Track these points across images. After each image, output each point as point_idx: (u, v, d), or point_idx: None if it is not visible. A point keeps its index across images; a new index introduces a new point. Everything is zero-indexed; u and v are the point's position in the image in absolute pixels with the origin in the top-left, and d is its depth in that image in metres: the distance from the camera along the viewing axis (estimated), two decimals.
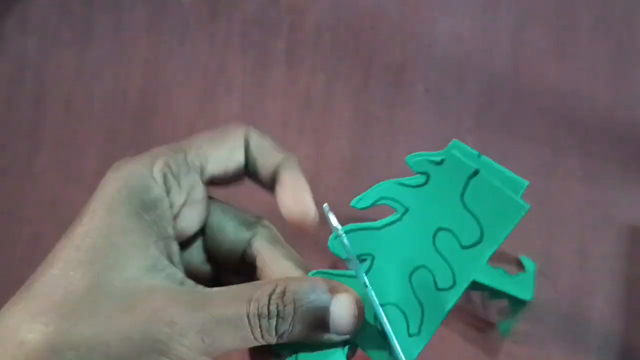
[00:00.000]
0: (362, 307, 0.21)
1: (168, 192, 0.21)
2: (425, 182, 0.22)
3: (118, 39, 0.51)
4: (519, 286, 0.43)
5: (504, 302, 0.44)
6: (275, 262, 0.23)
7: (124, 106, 0.50)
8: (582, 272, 0.45)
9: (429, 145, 0.51)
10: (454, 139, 0.22)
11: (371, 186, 0.43)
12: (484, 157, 0.22)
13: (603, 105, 0.48)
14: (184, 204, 0.22)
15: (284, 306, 0.20)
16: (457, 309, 0.46)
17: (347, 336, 0.21)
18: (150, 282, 0.20)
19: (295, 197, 0.24)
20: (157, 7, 0.51)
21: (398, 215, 0.23)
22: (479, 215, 0.21)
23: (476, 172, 0.21)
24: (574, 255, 0.46)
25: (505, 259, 0.46)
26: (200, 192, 0.23)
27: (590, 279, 0.45)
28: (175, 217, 0.22)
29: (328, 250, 0.47)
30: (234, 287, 0.20)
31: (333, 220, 0.23)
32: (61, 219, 0.49)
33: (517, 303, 0.43)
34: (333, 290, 0.21)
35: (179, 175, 0.22)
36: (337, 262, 0.46)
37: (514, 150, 0.47)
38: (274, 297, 0.20)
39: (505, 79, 0.48)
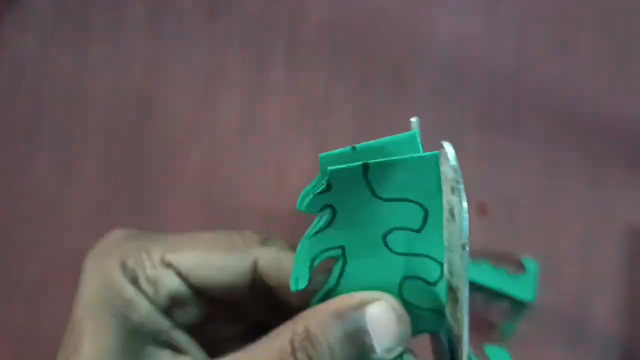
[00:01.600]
0: (402, 309, 0.18)
1: (136, 283, 0.19)
2: (333, 215, 0.18)
3: (117, 38, 0.51)
4: (520, 287, 0.43)
5: (505, 304, 0.44)
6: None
7: (122, 105, 0.50)
8: (584, 273, 0.45)
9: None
10: (319, 154, 0.19)
11: None
12: (360, 145, 0.19)
13: (606, 105, 0.48)
14: (168, 301, 0.20)
15: (315, 350, 0.16)
16: None
17: (400, 348, 0.19)
18: None
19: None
20: (156, 6, 0.51)
21: (340, 263, 0.19)
22: (403, 196, 0.18)
23: (366, 166, 0.19)
24: (576, 256, 0.45)
25: (506, 260, 0.46)
26: (181, 290, 0.20)
27: (592, 279, 0.45)
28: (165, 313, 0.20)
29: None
30: (249, 351, 0.17)
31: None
32: (60, 219, 0.49)
33: (518, 304, 0.42)
34: (363, 305, 0.17)
35: (153, 276, 0.19)
36: None
37: (515, 150, 0.47)
38: (298, 345, 0.17)
39: (507, 78, 0.48)
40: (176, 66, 0.50)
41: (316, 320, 0.17)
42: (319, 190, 0.18)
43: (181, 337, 0.20)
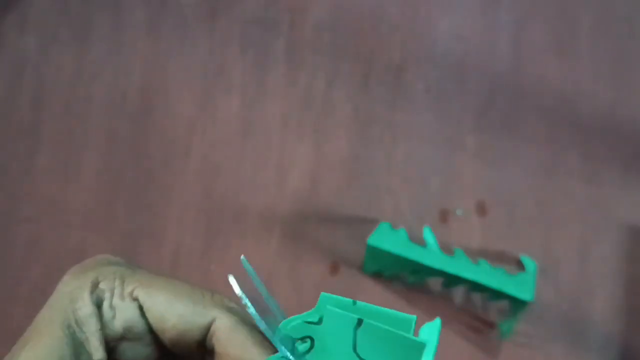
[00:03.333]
0: None
1: (100, 305, 0.20)
2: (311, 347, 0.19)
3: (117, 38, 0.51)
4: (520, 286, 0.43)
5: (505, 303, 0.44)
6: (241, 349, 0.20)
7: (123, 106, 0.50)
8: (583, 272, 0.45)
9: (429, 145, 0.51)
10: (322, 292, 0.19)
11: (371, 186, 0.43)
12: (360, 303, 0.19)
13: (604, 104, 0.48)
14: (120, 333, 0.21)
15: None
16: (457, 310, 0.46)
17: None
18: None
19: None
20: (157, 7, 0.51)
21: None
22: None
23: (360, 322, 0.19)
24: (575, 255, 0.46)
25: (505, 259, 0.46)
26: (138, 325, 0.21)
27: (591, 278, 0.45)
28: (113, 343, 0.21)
29: (327, 250, 0.47)
30: None
31: (236, 289, 0.19)
32: (60, 219, 0.49)
33: (517, 303, 0.43)
34: None
35: (118, 304, 0.20)
36: (338, 263, 0.46)
37: (515, 150, 0.47)
38: None
39: (506, 78, 0.48)
40: (176, 66, 0.50)
41: None
42: (310, 320, 0.19)
43: None
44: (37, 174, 0.50)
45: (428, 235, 0.44)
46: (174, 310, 0.20)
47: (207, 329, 0.20)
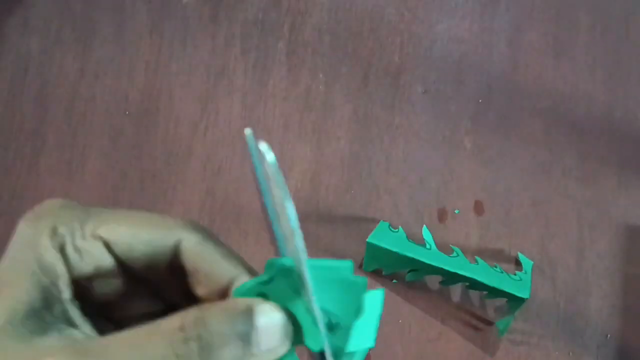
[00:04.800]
0: (285, 319, 0.19)
1: (64, 252, 0.20)
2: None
3: (120, 40, 0.51)
4: (516, 285, 0.43)
5: (502, 301, 0.44)
6: (210, 263, 0.20)
7: (125, 107, 0.50)
8: (580, 271, 0.45)
9: (427, 146, 0.51)
10: (268, 259, 0.19)
11: (370, 186, 0.43)
12: (308, 260, 0.19)
13: (600, 105, 0.48)
14: (90, 273, 0.21)
15: (206, 332, 0.18)
16: (455, 308, 0.46)
17: (281, 350, 0.19)
18: (41, 343, 0.18)
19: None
20: (159, 9, 0.51)
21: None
22: (331, 309, 0.19)
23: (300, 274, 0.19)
24: (572, 254, 0.46)
25: (502, 258, 0.46)
26: (106, 262, 0.21)
27: (587, 277, 0.45)
28: (83, 286, 0.21)
29: (327, 249, 0.47)
30: (136, 329, 0.18)
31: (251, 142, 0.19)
32: None
33: (514, 301, 0.43)
34: (254, 306, 0.18)
35: (82, 246, 0.20)
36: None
37: (512, 150, 0.48)
38: (188, 327, 0.18)
39: (503, 79, 0.48)
40: (179, 68, 0.50)
41: (211, 311, 0.18)
42: (260, 280, 0.19)
43: (75, 311, 0.20)
44: (41, 173, 0.50)
45: (426, 234, 0.45)
46: (139, 239, 0.20)
47: (174, 250, 0.20)
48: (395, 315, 0.46)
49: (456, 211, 0.47)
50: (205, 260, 0.20)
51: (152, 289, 0.22)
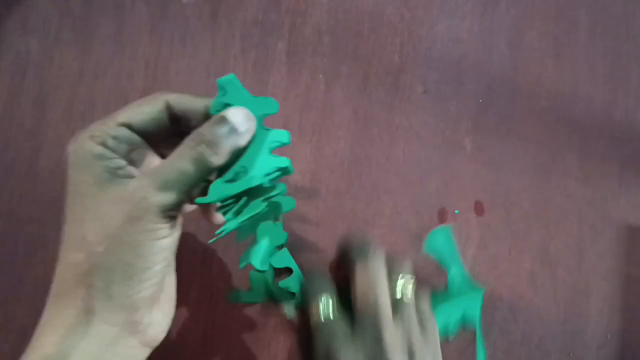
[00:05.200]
0: (249, 112, 0.33)
1: (106, 145, 0.32)
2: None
3: (119, 39, 0.51)
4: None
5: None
6: (189, 103, 0.33)
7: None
8: (580, 271, 0.46)
9: (428, 146, 0.51)
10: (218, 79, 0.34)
11: (370, 186, 0.43)
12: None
13: (601, 105, 0.48)
14: (127, 147, 0.33)
15: (203, 135, 0.31)
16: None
17: (249, 126, 0.32)
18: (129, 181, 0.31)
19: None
20: (158, 8, 0.51)
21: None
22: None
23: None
24: (572, 254, 0.46)
25: (502, 258, 0.46)
26: (130, 135, 0.33)
27: (588, 277, 0.45)
28: (128, 154, 0.33)
29: (327, 250, 0.47)
30: (169, 157, 0.31)
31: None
32: (62, 219, 0.49)
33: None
34: (224, 113, 0.32)
35: (114, 134, 0.32)
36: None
37: (512, 150, 0.48)
38: (197, 138, 0.31)
39: (504, 80, 0.48)
40: (178, 68, 0.50)
41: (201, 127, 0.31)
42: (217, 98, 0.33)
43: (132, 169, 0.32)
44: (40, 174, 0.50)
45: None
46: (143, 113, 0.33)
47: (167, 107, 0.33)
48: None
49: (456, 211, 0.47)
50: (185, 102, 0.33)
51: (162, 140, 0.34)
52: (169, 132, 0.33)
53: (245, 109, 0.32)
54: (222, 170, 0.32)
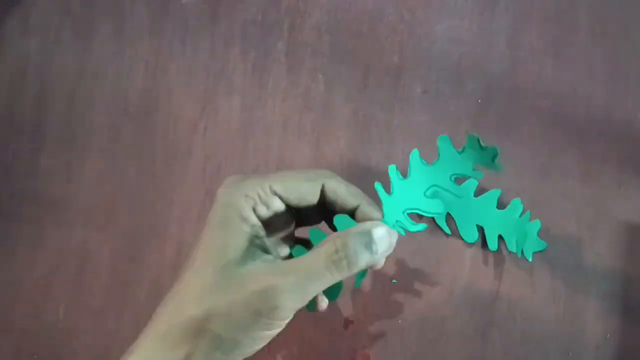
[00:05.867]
0: (393, 232, 0.33)
1: (256, 210, 0.32)
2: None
3: (119, 40, 0.51)
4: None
5: None
6: (342, 196, 0.34)
7: (125, 107, 0.50)
8: (580, 271, 0.46)
9: (427, 146, 0.51)
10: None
11: (370, 187, 0.43)
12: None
13: (600, 105, 0.48)
14: (271, 216, 0.33)
15: (347, 249, 0.31)
16: (454, 308, 0.46)
17: (388, 252, 0.33)
18: (255, 267, 0.30)
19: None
20: (158, 8, 0.51)
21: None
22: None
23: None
24: (572, 254, 0.46)
25: (500, 259, 0.46)
26: (281, 208, 0.33)
27: (588, 277, 0.45)
28: (266, 224, 0.33)
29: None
30: (308, 255, 0.31)
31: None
32: (63, 219, 0.50)
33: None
34: (371, 228, 0.32)
35: (266, 201, 0.32)
36: None
37: (512, 150, 0.48)
38: (338, 248, 0.31)
39: (503, 80, 0.48)
40: (178, 68, 0.50)
41: (349, 235, 0.31)
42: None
43: (269, 242, 0.33)
44: (40, 174, 0.50)
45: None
46: (301, 189, 0.33)
47: (319, 191, 0.33)
48: (395, 315, 0.46)
49: None
50: (340, 194, 0.33)
51: (305, 216, 0.35)
52: (311, 210, 0.34)
53: (393, 231, 0.33)
54: None
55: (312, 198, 0.33)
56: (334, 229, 0.35)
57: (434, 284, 0.46)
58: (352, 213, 0.34)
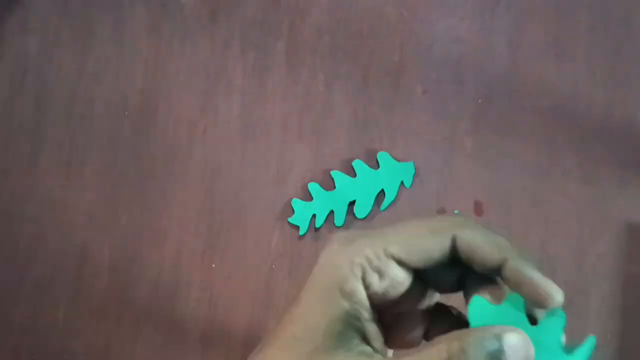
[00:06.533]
0: (529, 341, 0.23)
1: (365, 280, 0.25)
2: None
3: (119, 40, 0.51)
4: None
5: None
6: (481, 251, 0.25)
7: (124, 107, 0.50)
8: (580, 271, 0.45)
9: (427, 146, 0.51)
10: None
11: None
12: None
13: (600, 106, 0.48)
14: (387, 287, 0.25)
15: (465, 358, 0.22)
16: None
17: None
18: (346, 358, 0.24)
19: (546, 292, 0.25)
20: (158, 9, 0.51)
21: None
22: None
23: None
24: (572, 254, 0.46)
25: None
26: (399, 275, 0.25)
27: (588, 277, 0.45)
28: (377, 297, 0.25)
29: None
30: (413, 355, 0.23)
31: None
32: (62, 219, 0.49)
33: None
34: (503, 333, 0.23)
35: (379, 267, 0.25)
36: None
37: (512, 150, 0.48)
38: (454, 354, 0.22)
39: (504, 79, 0.48)
40: (178, 68, 0.50)
41: (469, 339, 0.22)
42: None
43: (372, 328, 0.25)
44: (40, 174, 0.50)
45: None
46: (426, 248, 0.25)
47: (450, 246, 0.25)
48: None
49: (456, 212, 0.47)
50: (476, 248, 0.24)
51: (429, 281, 0.26)
52: (440, 272, 0.26)
53: (528, 341, 0.24)
54: None
55: (440, 256, 0.25)
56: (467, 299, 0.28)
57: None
58: (497, 271, 0.26)
